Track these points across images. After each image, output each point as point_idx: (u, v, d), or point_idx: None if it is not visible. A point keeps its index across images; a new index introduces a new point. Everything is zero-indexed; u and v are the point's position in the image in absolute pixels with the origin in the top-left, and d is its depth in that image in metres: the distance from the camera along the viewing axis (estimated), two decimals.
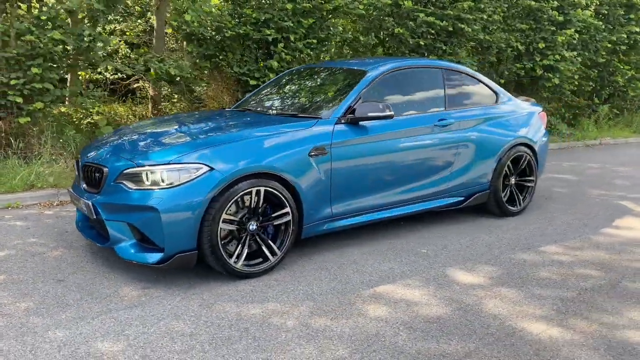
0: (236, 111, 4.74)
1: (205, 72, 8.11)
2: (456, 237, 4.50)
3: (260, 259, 3.59)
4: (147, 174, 3.30)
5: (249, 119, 4.25)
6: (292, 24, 7.90)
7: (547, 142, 5.62)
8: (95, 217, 3.49)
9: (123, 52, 9.78)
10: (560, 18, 10.76)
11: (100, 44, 6.89)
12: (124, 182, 3.36)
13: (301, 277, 3.57)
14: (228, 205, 3.35)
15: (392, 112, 4.04)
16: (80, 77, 7.02)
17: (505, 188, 5.15)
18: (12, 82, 6.11)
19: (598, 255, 4.12)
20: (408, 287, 3.44)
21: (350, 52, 9.29)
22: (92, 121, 7.82)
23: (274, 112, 4.52)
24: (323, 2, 8.06)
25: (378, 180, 4.19)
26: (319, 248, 4.13)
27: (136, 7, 9.43)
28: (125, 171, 3.37)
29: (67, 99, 6.75)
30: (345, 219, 4.07)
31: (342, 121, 3.99)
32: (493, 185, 4.99)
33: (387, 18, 9.45)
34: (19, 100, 6.14)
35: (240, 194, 3.39)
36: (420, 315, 3.04)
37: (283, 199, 3.59)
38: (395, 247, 4.20)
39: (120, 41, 7.23)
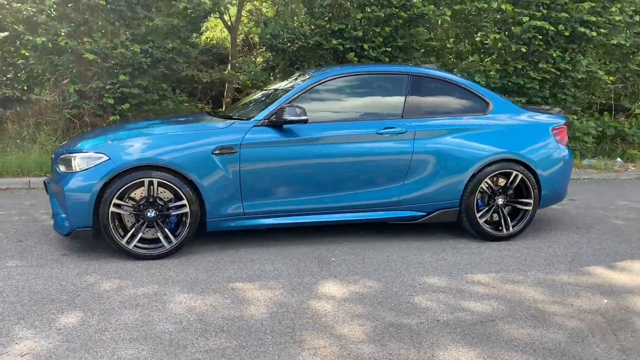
0: (193, 113, 5.20)
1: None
2: (393, 252, 4.22)
3: (160, 244, 3.97)
4: (72, 160, 3.97)
5: (181, 119, 4.68)
6: (362, 33, 7.98)
7: (566, 162, 4.77)
8: (47, 194, 4.29)
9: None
10: None
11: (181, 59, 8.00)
12: (59, 165, 4.08)
13: (193, 265, 3.84)
14: (119, 191, 3.82)
15: (305, 117, 4.05)
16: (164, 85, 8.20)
17: (490, 209, 4.58)
18: (107, 87, 7.53)
19: (501, 292, 3.49)
20: (263, 287, 3.45)
21: (437, 59, 8.90)
22: None
23: (222, 114, 4.83)
24: (399, 10, 7.95)
25: (302, 184, 4.20)
26: (243, 243, 4.33)
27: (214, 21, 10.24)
28: (60, 156, 4.10)
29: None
30: (259, 218, 4.19)
31: (263, 124, 4.13)
32: (465, 203, 4.50)
33: (485, 24, 8.81)
34: (111, 101, 7.51)
35: (131, 182, 3.83)
36: (234, 315, 3.08)
37: (179, 191, 3.92)
38: (309, 253, 4.16)
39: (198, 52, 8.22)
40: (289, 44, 8.17)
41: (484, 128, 4.56)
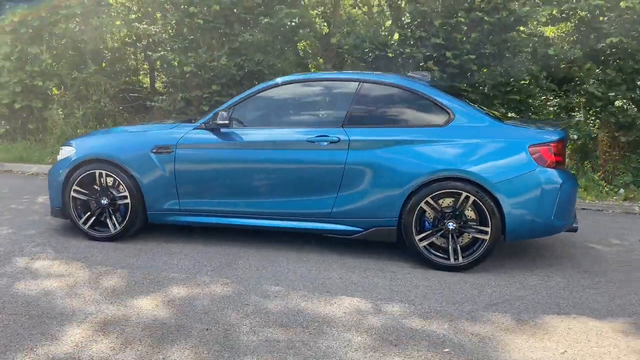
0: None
1: None
2: (308, 267, 4.07)
3: (108, 228, 4.56)
4: (60, 150, 4.83)
5: (156, 122, 5.18)
6: (442, 40, 7.53)
7: (549, 187, 3.88)
8: None
9: None
10: None
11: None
12: (57, 155, 5.00)
13: (132, 253, 4.34)
14: (77, 180, 4.52)
15: (226, 122, 4.21)
16: None
17: (437, 232, 4.04)
18: (205, 95, 8.58)
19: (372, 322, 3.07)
20: (150, 277, 3.76)
21: (541, 69, 7.74)
22: None
23: (186, 119, 5.26)
24: (483, 14, 7.27)
25: (234, 187, 4.33)
26: (178, 237, 4.66)
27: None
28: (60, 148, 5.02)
29: None
30: (193, 216, 4.46)
31: (201, 127, 4.42)
32: (403, 223, 4.05)
33: (603, 26, 7.40)
34: (206, 108, 8.54)
35: (86, 172, 4.49)
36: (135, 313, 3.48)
37: (122, 184, 4.45)
38: (222, 255, 4.27)
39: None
40: (369, 54, 8.11)
41: (432, 141, 4.04)
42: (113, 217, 4.55)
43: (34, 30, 9.13)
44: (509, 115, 8.04)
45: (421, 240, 4.03)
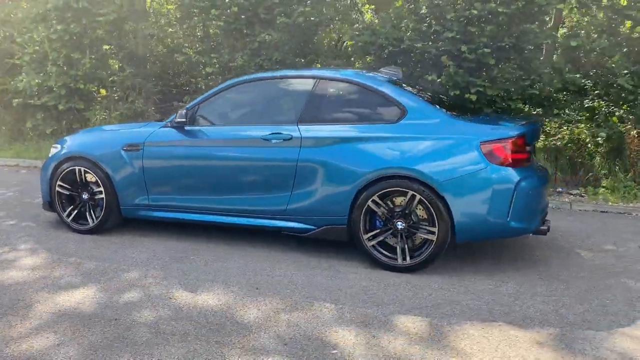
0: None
1: None
2: (260, 264, 4.09)
3: (87, 221, 4.84)
4: (52, 148, 5.18)
5: (128, 124, 5.38)
6: (456, 34, 7.25)
7: (501, 187, 3.65)
8: None
9: None
10: None
11: None
12: None
13: (103, 245, 4.60)
14: (60, 175, 4.82)
15: (182, 119, 4.34)
16: None
17: (386, 232, 3.93)
18: None
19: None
20: (105, 267, 3.97)
21: (567, 62, 7.22)
22: None
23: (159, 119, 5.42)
24: (496, 5, 6.93)
25: (196, 184, 4.45)
26: (144, 230, 4.85)
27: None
28: None
29: None
30: (161, 211, 4.62)
31: (167, 125, 4.57)
32: (352, 221, 3.98)
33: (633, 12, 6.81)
34: None
35: (68, 169, 4.78)
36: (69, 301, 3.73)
37: (98, 180, 4.70)
38: (175, 250, 4.39)
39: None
40: (385, 50, 7.94)
41: (382, 138, 3.93)
42: (93, 211, 4.81)
43: (77, 36, 9.80)
44: (533, 112, 7.62)
45: (369, 239, 3.94)
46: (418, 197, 3.76)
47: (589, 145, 7.54)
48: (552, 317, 3.16)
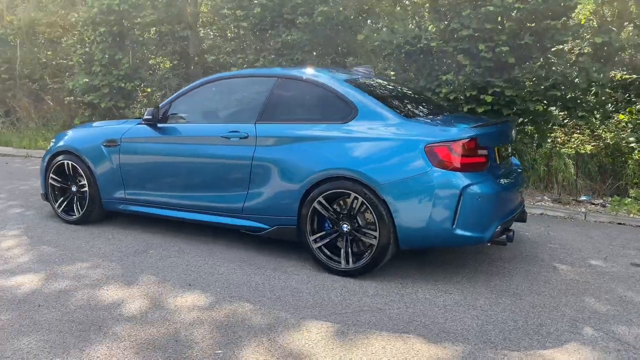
0: None
1: None
2: (210, 262, 4.13)
3: (74, 213, 5.10)
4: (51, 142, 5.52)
5: (112, 121, 5.54)
6: (472, 32, 6.94)
7: (446, 193, 3.44)
8: None
9: None
10: None
11: None
12: None
13: (81, 235, 4.85)
14: (52, 168, 5.12)
15: (148, 117, 4.47)
16: None
17: (332, 234, 3.84)
18: None
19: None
20: (64, 256, 4.19)
21: (594, 60, 6.65)
22: None
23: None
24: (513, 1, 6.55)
25: (164, 179, 4.57)
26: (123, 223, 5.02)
27: None
28: None
29: None
30: (136, 205, 4.78)
31: (142, 122, 4.73)
32: (299, 222, 3.91)
33: None
34: None
35: (58, 162, 5.07)
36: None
37: (83, 173, 4.95)
38: (157, 244, 4.51)
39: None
40: (401, 50, 7.72)
41: (331, 138, 3.83)
42: (79, 203, 5.05)
43: (119, 37, 10.36)
44: (556, 113, 7.13)
45: (315, 241, 3.86)
46: (360, 199, 3.63)
47: (624, 150, 6.94)
48: (472, 333, 2.94)
